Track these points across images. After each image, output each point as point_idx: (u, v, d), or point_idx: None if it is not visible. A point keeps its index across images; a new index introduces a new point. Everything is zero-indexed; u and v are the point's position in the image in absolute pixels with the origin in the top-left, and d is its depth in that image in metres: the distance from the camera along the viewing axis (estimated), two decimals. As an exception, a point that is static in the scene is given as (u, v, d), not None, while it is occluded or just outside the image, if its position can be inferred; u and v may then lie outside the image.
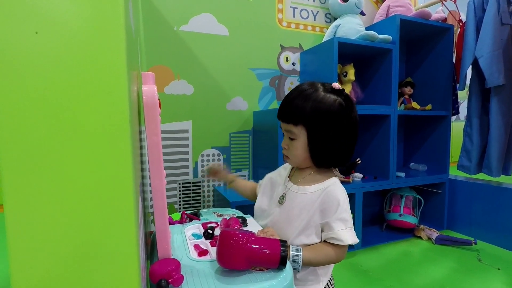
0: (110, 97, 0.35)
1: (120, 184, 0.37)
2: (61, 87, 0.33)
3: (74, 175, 0.35)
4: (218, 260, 0.54)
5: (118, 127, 0.36)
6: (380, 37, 1.62)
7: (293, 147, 0.75)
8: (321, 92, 0.72)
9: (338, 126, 0.71)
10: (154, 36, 1.54)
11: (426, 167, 2.02)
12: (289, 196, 0.79)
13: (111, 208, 0.36)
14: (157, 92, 0.55)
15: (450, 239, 1.67)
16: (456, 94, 1.93)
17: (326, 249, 0.72)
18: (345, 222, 0.72)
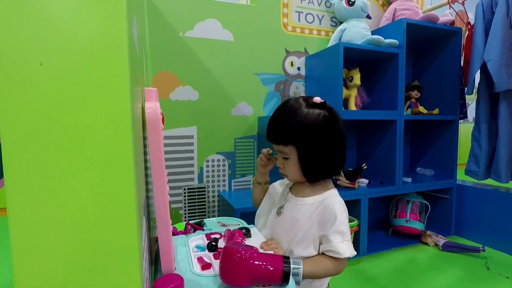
0: (114, 117, 0.36)
1: (122, 193, 0.37)
2: (66, 112, 0.34)
3: (77, 184, 0.35)
4: (221, 276, 0.54)
5: (121, 145, 0.36)
6: (386, 42, 1.61)
7: (288, 165, 0.76)
8: (304, 108, 0.72)
9: (325, 139, 0.71)
10: (160, 42, 1.55)
11: (433, 172, 2.00)
12: (287, 207, 0.79)
13: (113, 214, 0.37)
14: (159, 109, 0.55)
15: (458, 246, 1.65)
16: (464, 98, 1.91)
17: (325, 262, 0.72)
18: (343, 234, 0.72)
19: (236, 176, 1.76)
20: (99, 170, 0.35)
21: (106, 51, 0.33)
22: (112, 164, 0.35)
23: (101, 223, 0.35)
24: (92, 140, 0.34)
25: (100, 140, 0.34)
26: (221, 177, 1.72)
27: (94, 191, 0.35)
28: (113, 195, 0.36)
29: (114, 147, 0.35)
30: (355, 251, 0.73)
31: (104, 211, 0.35)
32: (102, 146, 0.34)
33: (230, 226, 0.89)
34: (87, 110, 0.33)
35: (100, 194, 0.35)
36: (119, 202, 0.36)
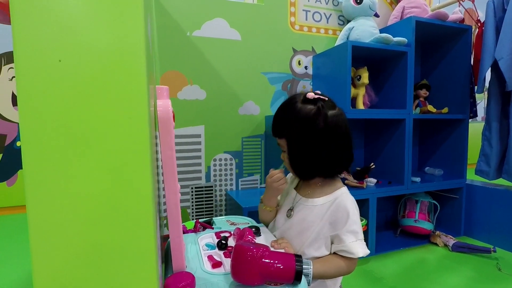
0: (131, 115, 0.36)
1: (140, 191, 0.37)
2: (83, 109, 0.34)
3: (94, 180, 0.35)
4: (233, 275, 0.54)
5: (139, 142, 0.37)
6: (395, 40, 1.59)
7: (285, 159, 0.77)
8: (299, 103, 0.72)
9: (314, 134, 0.70)
10: (167, 42, 1.55)
11: (442, 171, 1.97)
12: (297, 209, 0.78)
13: (130, 211, 0.37)
14: (171, 107, 0.55)
15: (468, 247, 1.63)
16: (474, 97, 1.88)
17: (336, 261, 0.72)
18: (356, 234, 0.72)
19: (243, 175, 1.76)
20: (117, 167, 0.35)
21: (124, 49, 0.33)
22: (129, 162, 0.35)
23: (119, 221, 0.35)
24: (109, 137, 0.34)
25: (118, 137, 0.34)
26: (228, 176, 1.73)
27: (112, 188, 0.35)
28: (131, 193, 0.36)
29: (131, 144, 0.35)
30: (369, 250, 0.72)
31: (121, 209, 0.36)
32: (119, 142, 0.35)
33: (239, 224, 0.89)
34: (105, 106, 0.33)
35: (117, 192, 0.35)
36: (136, 199, 0.36)
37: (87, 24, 0.32)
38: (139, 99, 0.35)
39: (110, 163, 0.35)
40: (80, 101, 0.32)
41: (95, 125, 0.34)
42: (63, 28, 0.31)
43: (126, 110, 0.34)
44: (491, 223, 1.76)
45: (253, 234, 0.72)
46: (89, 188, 0.35)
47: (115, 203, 0.35)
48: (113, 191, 0.35)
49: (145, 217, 0.37)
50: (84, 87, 0.32)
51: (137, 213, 0.36)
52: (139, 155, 0.36)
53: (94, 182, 0.34)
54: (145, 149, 0.36)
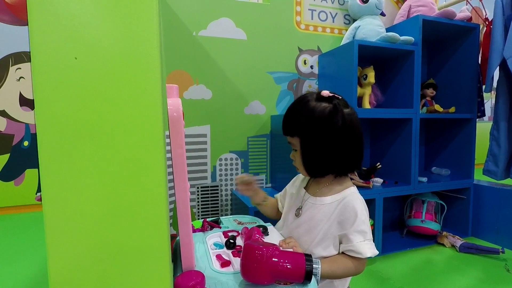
0: (145, 114, 0.36)
1: (154, 190, 0.37)
2: (99, 108, 0.34)
3: (110, 179, 0.35)
4: (242, 274, 0.54)
5: (153, 140, 0.37)
6: (401, 39, 1.58)
7: (296, 157, 0.76)
8: (313, 101, 0.72)
9: (329, 133, 0.70)
10: (173, 42, 1.56)
11: (449, 171, 1.95)
12: (306, 208, 0.78)
13: (146, 211, 0.37)
14: (181, 105, 0.55)
15: (476, 247, 1.61)
16: (481, 96, 1.86)
17: (345, 261, 0.71)
18: (364, 234, 0.71)
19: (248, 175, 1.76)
20: (131, 165, 0.35)
21: (138, 46, 0.33)
22: (143, 160, 0.35)
23: (133, 219, 0.35)
24: (124, 134, 0.34)
25: (132, 135, 0.34)
26: (234, 176, 1.73)
27: (126, 187, 0.35)
28: (145, 191, 0.36)
29: (146, 142, 0.35)
30: (377, 251, 0.71)
31: (136, 207, 0.36)
32: (133, 140, 0.35)
33: (247, 224, 0.89)
34: (119, 104, 0.33)
35: (132, 190, 0.35)
36: (150, 198, 0.36)
37: (102, 22, 0.32)
38: (154, 97, 0.35)
39: (124, 161, 0.35)
40: (95, 99, 0.33)
41: (109, 122, 0.34)
42: (78, 26, 0.31)
43: (141, 107, 0.35)
44: (498, 224, 1.74)
45: (261, 233, 0.72)
46: (103, 186, 0.35)
47: (129, 202, 0.35)
48: (128, 190, 0.35)
49: (159, 216, 0.37)
50: (99, 85, 0.32)
51: (151, 212, 0.36)
52: (153, 154, 0.36)
53: (109, 180, 0.35)
54: (159, 148, 0.36)
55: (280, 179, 1.73)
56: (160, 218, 0.37)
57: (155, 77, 0.35)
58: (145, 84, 0.34)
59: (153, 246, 0.37)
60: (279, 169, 1.73)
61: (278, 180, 1.75)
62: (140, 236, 0.36)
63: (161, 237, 0.37)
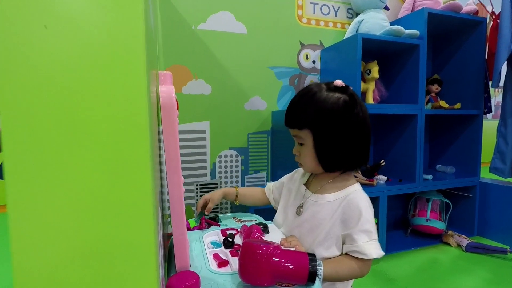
0: (128, 101, 0.32)
1: (138, 187, 0.33)
2: (73, 86, 0.30)
3: (85, 176, 0.31)
4: (241, 274, 0.50)
5: (136, 129, 0.33)
6: (406, 32, 1.53)
7: (303, 153, 0.71)
8: (324, 92, 0.68)
9: (344, 126, 0.66)
10: (172, 35, 1.52)
11: (454, 169, 1.91)
12: (307, 206, 0.74)
13: (128, 212, 0.33)
14: (174, 93, 0.51)
15: (483, 247, 1.56)
16: (488, 92, 1.81)
17: (348, 263, 0.67)
18: (369, 233, 0.67)
19: (249, 172, 1.72)
20: (111, 158, 0.31)
21: (120, 20, 0.29)
22: (126, 152, 0.31)
23: (114, 217, 0.31)
24: (103, 125, 0.30)
25: (111, 126, 0.30)
26: (234, 173, 1.69)
27: (106, 182, 0.31)
28: (128, 186, 0.32)
29: (128, 134, 0.31)
30: (383, 252, 0.67)
31: (117, 203, 0.31)
32: (114, 131, 0.30)
33: (246, 221, 0.85)
34: (97, 90, 0.29)
35: (113, 185, 0.31)
36: (134, 193, 0.32)
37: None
38: (138, 83, 0.31)
39: (103, 157, 0.31)
40: (67, 81, 0.28)
41: (84, 113, 0.29)
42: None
43: (122, 95, 0.30)
44: (505, 223, 1.69)
45: (261, 232, 0.68)
46: (78, 180, 0.31)
47: (109, 201, 0.31)
48: (107, 188, 0.31)
49: (144, 210, 0.33)
50: (74, 65, 0.28)
51: (135, 211, 0.32)
52: (136, 146, 0.32)
53: (84, 177, 0.30)
54: (143, 140, 0.32)
55: (281, 176, 1.67)
56: (147, 216, 0.33)
57: (139, 61, 0.31)
58: (127, 68, 0.30)
59: (137, 246, 0.33)
60: (280, 167, 1.69)
61: (279, 177, 1.69)
62: (122, 239, 0.32)
63: (146, 236, 0.33)
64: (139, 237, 0.33)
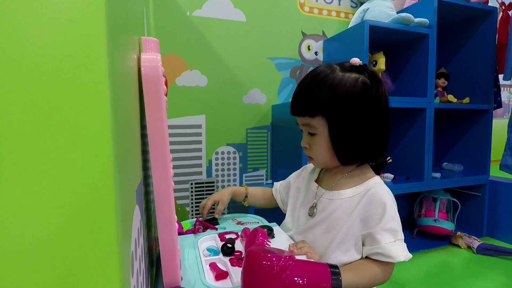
0: (81, 61, 0.21)
1: (93, 180, 0.23)
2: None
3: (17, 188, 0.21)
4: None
5: (91, 109, 0.22)
6: (416, 21, 1.44)
7: (315, 144, 0.61)
8: (339, 72, 0.58)
9: (364, 111, 0.57)
10: (165, 22, 1.41)
11: (462, 167, 1.82)
12: (322, 205, 0.64)
13: (77, 206, 0.22)
14: (160, 63, 0.40)
15: (495, 249, 1.48)
16: (498, 86, 1.73)
17: (370, 268, 0.57)
18: (394, 233, 0.57)
19: (247, 170, 1.61)
20: (56, 146, 0.20)
21: None
22: (73, 137, 0.21)
23: (60, 223, 0.21)
24: (43, 102, 0.20)
25: (57, 102, 0.20)
26: (231, 171, 1.58)
27: (47, 177, 0.21)
28: (80, 182, 0.21)
29: (80, 116, 0.21)
30: (410, 254, 0.58)
31: (64, 206, 0.21)
32: (59, 110, 0.20)
33: (248, 224, 0.75)
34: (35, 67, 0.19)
35: (58, 182, 0.21)
36: (88, 191, 0.22)
37: None
38: (91, 42, 0.20)
39: (43, 138, 0.20)
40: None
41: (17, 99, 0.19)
42: None
43: (70, 57, 0.20)
44: (517, 223, 1.61)
45: (266, 236, 0.58)
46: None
47: (58, 216, 0.21)
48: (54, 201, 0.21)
49: (102, 213, 0.22)
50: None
51: (87, 204, 0.22)
52: (90, 128, 0.22)
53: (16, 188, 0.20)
54: (102, 117, 0.22)
55: (281, 174, 1.58)
56: (105, 219, 0.22)
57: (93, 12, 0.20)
58: (74, 24, 0.20)
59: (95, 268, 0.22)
60: (280, 164, 1.59)
61: (279, 175, 1.61)
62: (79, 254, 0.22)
63: (106, 260, 0.22)
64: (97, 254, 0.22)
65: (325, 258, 0.60)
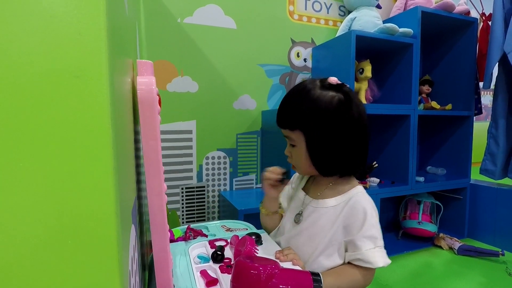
0: (81, 83, 0.24)
1: (94, 200, 0.25)
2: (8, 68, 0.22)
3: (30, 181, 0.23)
4: (233, 300, 0.43)
5: (93, 128, 0.25)
6: (400, 31, 1.50)
7: (295, 154, 0.65)
8: (318, 90, 0.62)
9: (339, 126, 0.60)
10: (156, 29, 1.42)
11: (445, 170, 1.89)
12: (307, 213, 0.68)
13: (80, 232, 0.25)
14: (155, 85, 0.43)
15: (475, 250, 1.54)
16: (478, 93, 1.80)
17: (351, 273, 0.61)
18: (374, 240, 0.61)
19: (238, 175, 1.64)
20: (61, 165, 0.23)
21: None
22: (80, 157, 0.23)
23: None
24: (49, 123, 0.22)
25: (63, 123, 0.22)
26: (222, 176, 1.61)
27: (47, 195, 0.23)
28: (82, 202, 0.24)
29: (83, 133, 0.23)
30: (389, 260, 0.61)
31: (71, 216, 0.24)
32: (65, 131, 0.23)
33: (237, 230, 0.78)
34: (38, 82, 0.21)
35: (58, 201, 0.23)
36: (89, 213, 0.24)
37: None
38: (94, 70, 0.23)
39: (51, 162, 0.23)
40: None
41: (20, 110, 0.22)
42: None
43: (73, 87, 0.22)
44: (496, 225, 1.68)
45: (254, 244, 0.61)
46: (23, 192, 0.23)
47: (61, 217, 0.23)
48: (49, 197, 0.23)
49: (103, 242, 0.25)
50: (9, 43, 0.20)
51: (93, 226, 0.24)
52: (93, 150, 0.24)
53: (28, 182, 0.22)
54: (103, 143, 0.24)
55: (271, 179, 1.62)
56: (107, 251, 0.25)
57: (96, 39, 0.23)
58: (81, 49, 0.22)
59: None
60: (270, 168, 1.62)
61: (269, 180, 1.64)
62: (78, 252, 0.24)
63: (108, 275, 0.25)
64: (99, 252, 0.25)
65: (309, 263, 0.63)
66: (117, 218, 0.26)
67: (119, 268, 0.26)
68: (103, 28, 0.23)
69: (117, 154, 0.27)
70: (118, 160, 0.27)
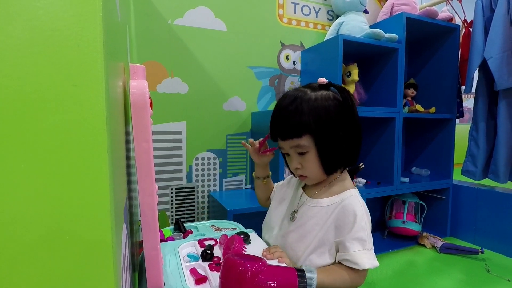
0: (79, 91, 0.25)
1: (89, 200, 0.27)
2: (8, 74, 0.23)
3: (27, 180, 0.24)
4: (222, 295, 0.45)
5: (89, 129, 0.26)
6: (386, 36, 1.54)
7: (307, 161, 0.65)
8: (311, 93, 0.64)
9: (342, 121, 0.63)
10: (146, 30, 1.43)
11: (429, 171, 1.95)
12: (302, 211, 0.70)
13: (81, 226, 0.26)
14: (148, 89, 0.45)
15: (456, 248, 1.60)
16: (460, 97, 1.87)
17: (340, 273, 0.63)
18: (363, 242, 0.63)
19: (227, 176, 1.66)
20: (58, 164, 0.24)
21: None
22: (76, 157, 0.25)
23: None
24: (47, 123, 0.23)
25: (60, 125, 0.24)
26: (211, 176, 1.62)
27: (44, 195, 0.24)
28: (77, 201, 0.25)
29: (80, 134, 0.25)
30: (378, 262, 0.63)
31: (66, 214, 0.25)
32: (62, 132, 0.24)
33: (226, 230, 0.79)
34: (38, 84, 0.23)
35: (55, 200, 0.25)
36: (86, 211, 0.26)
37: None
38: (91, 73, 0.24)
39: (48, 161, 0.24)
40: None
41: (19, 112, 0.23)
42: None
43: (71, 90, 0.24)
44: (477, 224, 1.75)
45: (242, 243, 0.63)
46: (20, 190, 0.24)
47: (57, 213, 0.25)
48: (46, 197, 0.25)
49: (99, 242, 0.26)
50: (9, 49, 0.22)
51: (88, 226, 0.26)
52: (89, 150, 0.25)
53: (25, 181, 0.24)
54: (98, 142, 0.26)
55: (260, 179, 1.64)
56: (102, 251, 0.26)
57: (94, 46, 0.24)
58: (77, 54, 0.24)
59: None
60: (259, 169, 1.64)
61: (258, 180, 1.66)
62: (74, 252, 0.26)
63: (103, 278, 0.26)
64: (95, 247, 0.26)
65: (301, 260, 0.65)
66: (112, 216, 0.27)
67: (113, 263, 0.27)
68: (99, 40, 0.24)
69: (112, 156, 0.29)
70: (113, 162, 0.29)
